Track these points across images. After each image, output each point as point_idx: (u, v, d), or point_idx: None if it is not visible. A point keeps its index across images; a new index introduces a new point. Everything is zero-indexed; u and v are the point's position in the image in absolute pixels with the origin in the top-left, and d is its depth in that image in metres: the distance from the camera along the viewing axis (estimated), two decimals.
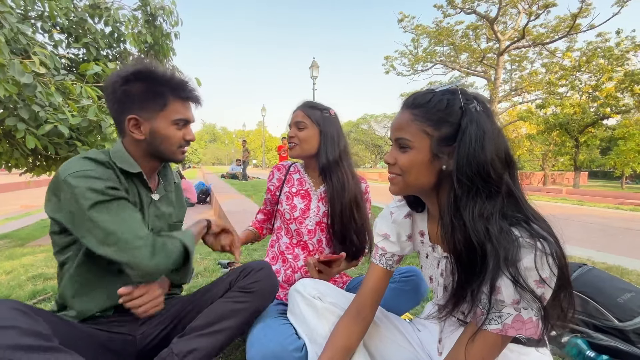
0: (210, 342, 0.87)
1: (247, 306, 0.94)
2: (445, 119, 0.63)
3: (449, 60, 17.95)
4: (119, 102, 0.89)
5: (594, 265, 2.35)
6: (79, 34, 2.79)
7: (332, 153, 1.22)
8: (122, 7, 3.00)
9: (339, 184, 1.22)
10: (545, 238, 0.56)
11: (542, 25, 14.62)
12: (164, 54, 3.39)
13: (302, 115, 1.24)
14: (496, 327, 0.60)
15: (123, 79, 0.88)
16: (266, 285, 0.98)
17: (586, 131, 14.80)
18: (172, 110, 0.91)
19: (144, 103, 0.89)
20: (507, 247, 0.57)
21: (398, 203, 0.87)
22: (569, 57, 14.62)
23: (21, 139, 1.96)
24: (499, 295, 0.59)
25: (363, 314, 0.81)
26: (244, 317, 0.94)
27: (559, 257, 0.56)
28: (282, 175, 1.34)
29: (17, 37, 2.03)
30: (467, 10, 15.16)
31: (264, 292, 0.97)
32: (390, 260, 0.85)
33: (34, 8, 2.52)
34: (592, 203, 7.40)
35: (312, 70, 12.05)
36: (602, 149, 27.79)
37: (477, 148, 0.59)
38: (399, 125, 0.67)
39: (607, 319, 1.04)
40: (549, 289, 0.57)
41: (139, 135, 0.90)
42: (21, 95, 1.86)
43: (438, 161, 0.64)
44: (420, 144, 0.64)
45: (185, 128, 0.96)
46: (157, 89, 0.90)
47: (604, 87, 13.87)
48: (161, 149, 0.93)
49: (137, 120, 0.89)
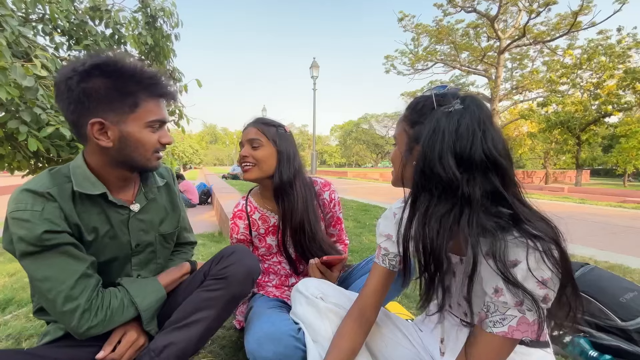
0: (186, 335, 0.83)
1: (222, 293, 0.87)
2: (417, 119, 0.68)
3: (450, 59, 17.91)
4: (76, 103, 0.74)
5: (596, 264, 2.35)
6: (80, 36, 2.80)
7: (287, 173, 1.15)
8: (122, 9, 3.00)
9: (288, 209, 1.16)
10: (537, 237, 0.57)
11: (542, 23, 14.57)
12: (165, 56, 3.39)
13: (257, 132, 1.15)
14: (501, 330, 0.60)
15: (81, 74, 0.73)
16: (238, 268, 0.90)
17: (588, 129, 14.76)
18: (145, 111, 0.78)
19: (110, 104, 0.75)
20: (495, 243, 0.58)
21: (401, 204, 0.87)
22: (570, 55, 14.57)
23: (23, 142, 1.97)
24: (502, 297, 0.59)
25: (366, 315, 0.81)
26: (220, 305, 0.87)
27: (554, 256, 0.56)
28: (244, 222, 1.25)
29: (19, 40, 2.04)
30: (467, 8, 15.11)
31: (237, 276, 0.89)
32: (392, 261, 0.85)
33: (35, 11, 2.53)
34: (594, 201, 7.37)
35: (313, 70, 12.04)
36: (604, 146, 27.69)
37: (426, 147, 0.62)
38: (395, 131, 0.74)
39: (610, 318, 1.04)
40: (551, 290, 0.56)
41: (105, 142, 0.76)
42: (23, 98, 1.87)
43: (410, 157, 0.68)
44: (400, 141, 0.71)
45: (161, 130, 0.84)
46: (126, 86, 0.75)
47: (606, 84, 13.82)
48: (133, 157, 0.80)
49: (102, 124, 0.75)
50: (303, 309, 0.86)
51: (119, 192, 0.88)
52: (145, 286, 0.86)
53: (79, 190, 0.77)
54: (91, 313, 0.74)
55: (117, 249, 0.87)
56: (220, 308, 0.88)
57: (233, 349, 1.22)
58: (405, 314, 1.50)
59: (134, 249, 0.91)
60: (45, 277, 0.71)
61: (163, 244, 1.00)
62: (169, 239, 1.03)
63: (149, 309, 0.84)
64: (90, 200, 0.81)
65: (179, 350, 0.81)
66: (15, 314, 1.53)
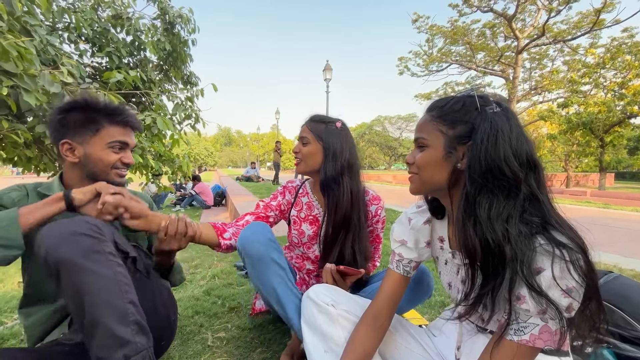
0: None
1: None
2: (460, 118, 0.65)
3: (465, 60, 17.60)
4: (56, 131, 0.98)
5: (621, 272, 2.25)
6: (103, 43, 2.91)
7: (332, 169, 1.18)
8: (142, 16, 3.11)
9: (332, 204, 1.18)
10: (565, 246, 0.55)
11: (563, 22, 14.13)
12: (182, 61, 3.48)
13: (306, 130, 1.24)
14: (523, 338, 0.59)
15: (59, 110, 0.97)
16: (51, 239, 0.78)
17: (612, 130, 14.15)
18: (105, 134, 0.98)
19: (77, 129, 0.96)
20: (525, 252, 0.56)
21: (417, 209, 0.87)
22: (593, 54, 14.05)
23: (49, 145, 2.06)
24: (524, 304, 0.58)
25: (380, 321, 0.80)
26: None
27: (581, 266, 0.54)
28: (291, 197, 1.32)
29: (47, 48, 2.14)
30: (483, 8, 14.83)
31: (53, 248, 0.81)
32: (407, 267, 0.84)
33: (62, 20, 2.66)
34: (619, 206, 7.06)
35: (326, 72, 12.08)
36: (630, 148, 26.51)
37: (489, 146, 0.60)
38: (418, 127, 0.71)
39: (635, 329, 1.00)
40: (575, 300, 0.55)
41: (72, 158, 0.97)
42: (50, 104, 1.96)
43: (451, 158, 0.65)
44: (435, 142, 0.67)
45: (124, 151, 1.02)
46: (90, 116, 0.97)
47: (631, 84, 13.23)
48: (95, 171, 0.99)
49: (70, 144, 0.97)
50: (315, 317, 0.85)
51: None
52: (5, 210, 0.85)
53: (41, 191, 0.99)
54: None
55: None
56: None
57: (248, 349, 1.23)
58: (419, 318, 1.49)
59: None
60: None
61: None
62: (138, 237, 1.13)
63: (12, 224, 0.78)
64: None
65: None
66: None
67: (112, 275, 0.73)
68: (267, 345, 1.25)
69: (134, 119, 1.04)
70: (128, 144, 1.03)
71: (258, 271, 1.02)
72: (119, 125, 1.00)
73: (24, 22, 1.91)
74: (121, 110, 1.01)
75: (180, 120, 3.43)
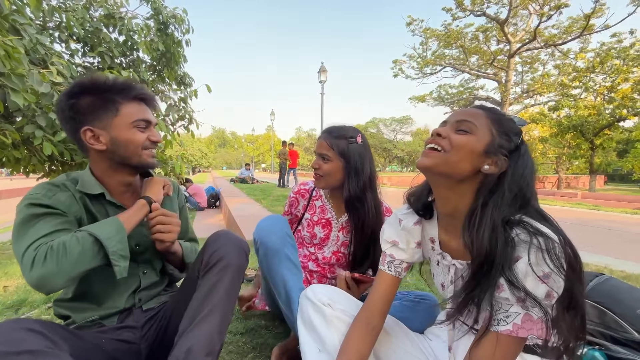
0: (205, 330, 0.80)
1: (223, 274, 0.87)
2: (509, 133, 0.68)
3: (459, 63, 17.79)
4: (70, 121, 0.86)
5: (612, 273, 2.28)
6: (94, 43, 2.87)
7: (354, 187, 1.18)
8: (135, 16, 3.08)
9: (360, 221, 1.21)
10: (542, 234, 0.57)
11: (554, 26, 14.36)
12: (176, 62, 3.45)
13: (326, 147, 1.19)
14: (506, 328, 0.60)
15: (67, 96, 0.85)
16: (230, 246, 0.90)
17: (602, 133, 14.42)
18: (127, 113, 0.88)
19: (96, 113, 0.85)
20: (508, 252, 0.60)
21: (407, 210, 0.86)
22: (583, 58, 14.31)
23: (39, 146, 2.02)
24: (502, 292, 0.60)
25: (373, 322, 0.80)
26: (227, 284, 0.87)
27: (556, 254, 0.56)
28: (305, 201, 1.33)
29: (36, 47, 2.11)
30: (476, 12, 15.02)
31: (231, 253, 0.89)
32: (398, 268, 0.84)
33: (52, 19, 2.62)
34: (609, 208, 7.17)
35: (321, 74, 12.10)
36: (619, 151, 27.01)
37: (530, 173, 0.66)
38: (469, 114, 0.69)
39: (626, 331, 1.01)
40: (553, 289, 0.56)
41: (100, 146, 0.87)
42: (39, 104, 1.93)
43: (485, 159, 0.66)
44: (482, 135, 0.66)
45: (149, 130, 0.93)
46: (105, 96, 0.86)
47: (620, 88, 13.51)
48: (126, 155, 0.89)
49: (92, 130, 0.86)
50: (310, 317, 0.84)
51: (122, 196, 0.95)
52: (101, 224, 0.81)
53: (81, 189, 0.87)
54: (38, 257, 0.70)
55: None
56: (227, 288, 0.87)
57: (240, 354, 1.22)
58: None
59: (135, 249, 0.95)
60: (15, 239, 0.76)
61: None
62: None
63: (110, 238, 0.77)
64: (93, 200, 0.90)
65: (204, 348, 0.78)
66: (28, 315, 1.56)
67: None
68: (260, 350, 1.24)
69: (148, 92, 0.94)
70: (151, 122, 0.93)
71: (270, 263, 1.04)
72: (135, 101, 0.90)
73: (12, 20, 1.87)
74: (132, 85, 0.91)
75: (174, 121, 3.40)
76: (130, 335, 0.91)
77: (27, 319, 0.67)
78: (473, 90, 18.80)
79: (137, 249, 0.96)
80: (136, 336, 0.92)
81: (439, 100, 19.60)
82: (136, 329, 0.92)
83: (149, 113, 0.94)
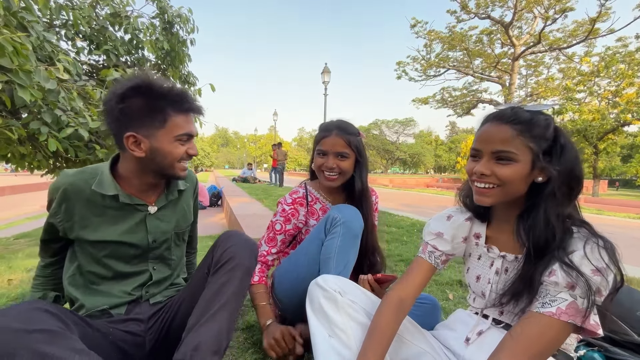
0: (213, 328, 0.81)
1: (233, 274, 0.89)
2: (544, 136, 0.68)
3: (462, 66, 17.78)
4: (116, 120, 0.86)
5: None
6: (100, 41, 2.90)
7: (365, 178, 1.25)
8: (141, 15, 3.11)
9: (367, 210, 1.25)
10: (602, 237, 0.63)
11: (559, 30, 14.36)
12: (180, 61, 3.48)
13: (344, 145, 1.19)
14: (549, 310, 0.63)
15: (119, 97, 0.85)
16: (240, 246, 0.93)
17: (606, 138, 14.33)
18: (173, 126, 0.88)
19: (143, 120, 0.85)
20: (563, 240, 0.65)
21: (456, 208, 0.92)
22: (588, 62, 14.25)
23: (44, 142, 2.05)
24: (554, 277, 0.63)
25: (404, 305, 0.82)
26: (236, 284, 0.89)
27: (615, 255, 0.61)
28: (304, 209, 1.29)
29: (43, 44, 2.13)
30: (481, 15, 15.02)
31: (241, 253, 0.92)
32: (438, 259, 0.88)
33: (59, 17, 2.64)
34: (611, 212, 7.14)
35: (324, 75, 12.12)
36: (623, 156, 26.85)
37: (576, 162, 0.69)
38: (501, 139, 0.69)
39: (626, 333, 1.01)
40: (605, 281, 0.60)
41: (139, 153, 0.87)
42: (45, 100, 1.95)
43: (534, 174, 0.70)
44: (524, 158, 0.68)
45: (189, 142, 0.93)
46: (156, 104, 0.86)
47: (625, 92, 13.43)
48: (162, 166, 0.90)
49: (136, 137, 0.86)
50: (320, 303, 0.85)
51: (143, 194, 0.97)
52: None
53: (96, 189, 0.89)
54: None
55: (136, 243, 0.95)
56: (236, 287, 0.89)
57: (240, 350, 1.22)
58: None
59: (151, 244, 0.98)
60: None
61: (176, 241, 1.08)
62: (182, 237, 1.11)
63: None
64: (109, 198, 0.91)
65: (212, 346, 0.79)
66: None
67: None
68: (260, 346, 1.24)
69: (198, 105, 0.94)
70: (193, 135, 0.93)
71: (345, 244, 1.07)
72: (183, 113, 0.89)
73: (20, 17, 1.90)
74: (186, 97, 0.90)
75: None
76: (136, 327, 0.93)
77: (44, 301, 0.70)
78: (477, 93, 18.78)
79: (153, 244, 0.99)
80: (142, 328, 0.94)
81: (442, 103, 19.59)
82: (142, 322, 0.94)
83: (193, 125, 0.93)
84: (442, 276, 2.06)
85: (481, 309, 0.84)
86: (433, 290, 1.84)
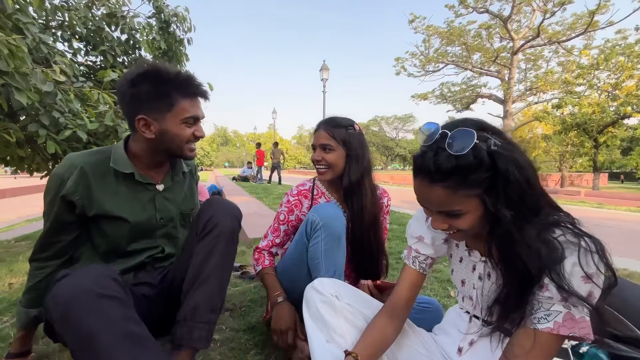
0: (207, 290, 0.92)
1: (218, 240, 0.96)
2: (480, 177, 0.60)
3: (461, 61, 17.71)
4: (128, 105, 0.94)
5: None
6: (97, 42, 2.88)
7: (356, 173, 1.20)
8: (137, 15, 3.08)
9: (358, 207, 1.21)
10: (590, 236, 0.59)
11: (557, 23, 14.28)
12: (178, 60, 3.46)
13: (327, 137, 1.20)
14: (547, 326, 0.60)
15: (130, 82, 0.91)
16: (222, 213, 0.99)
17: (606, 131, 14.29)
18: (180, 110, 0.94)
19: (152, 104, 0.92)
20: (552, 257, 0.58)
21: None
22: (587, 55, 14.19)
23: (42, 144, 2.04)
24: (546, 292, 0.59)
25: (397, 311, 0.81)
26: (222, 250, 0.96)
27: (604, 255, 0.58)
28: (308, 201, 1.30)
29: (39, 46, 2.11)
30: (479, 9, 14.94)
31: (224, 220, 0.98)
32: (423, 263, 0.85)
33: (55, 18, 2.63)
34: (612, 206, 7.14)
35: (323, 72, 12.08)
36: (624, 149, 26.82)
37: (515, 180, 0.59)
38: (438, 202, 0.64)
39: (629, 329, 1.00)
40: (596, 286, 0.57)
41: (149, 135, 0.95)
42: (42, 103, 1.93)
43: (489, 209, 0.62)
44: (473, 207, 0.63)
45: (196, 125, 0.99)
46: (163, 89, 0.92)
47: (625, 85, 13.38)
48: (170, 147, 0.98)
49: (146, 120, 0.93)
50: (317, 307, 0.84)
51: (151, 172, 1.04)
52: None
53: (114, 166, 0.96)
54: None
55: (145, 220, 1.02)
56: (223, 252, 0.97)
57: (242, 351, 1.22)
58: None
59: (159, 222, 1.06)
60: None
61: (181, 221, 1.15)
62: (187, 218, 1.18)
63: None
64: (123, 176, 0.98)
65: (208, 305, 0.91)
66: None
67: None
68: (262, 347, 1.24)
69: (204, 89, 0.99)
70: (199, 118, 0.99)
71: (329, 247, 1.06)
72: (190, 97, 0.95)
73: (15, 19, 1.88)
74: (192, 81, 0.96)
75: None
76: (148, 290, 1.03)
77: (113, 269, 0.79)
78: (476, 88, 18.72)
79: (160, 222, 1.06)
80: (153, 292, 1.04)
81: (441, 98, 19.53)
82: (153, 286, 1.05)
83: (200, 108, 0.99)
84: (443, 273, 2.06)
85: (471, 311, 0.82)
86: (434, 287, 1.84)
